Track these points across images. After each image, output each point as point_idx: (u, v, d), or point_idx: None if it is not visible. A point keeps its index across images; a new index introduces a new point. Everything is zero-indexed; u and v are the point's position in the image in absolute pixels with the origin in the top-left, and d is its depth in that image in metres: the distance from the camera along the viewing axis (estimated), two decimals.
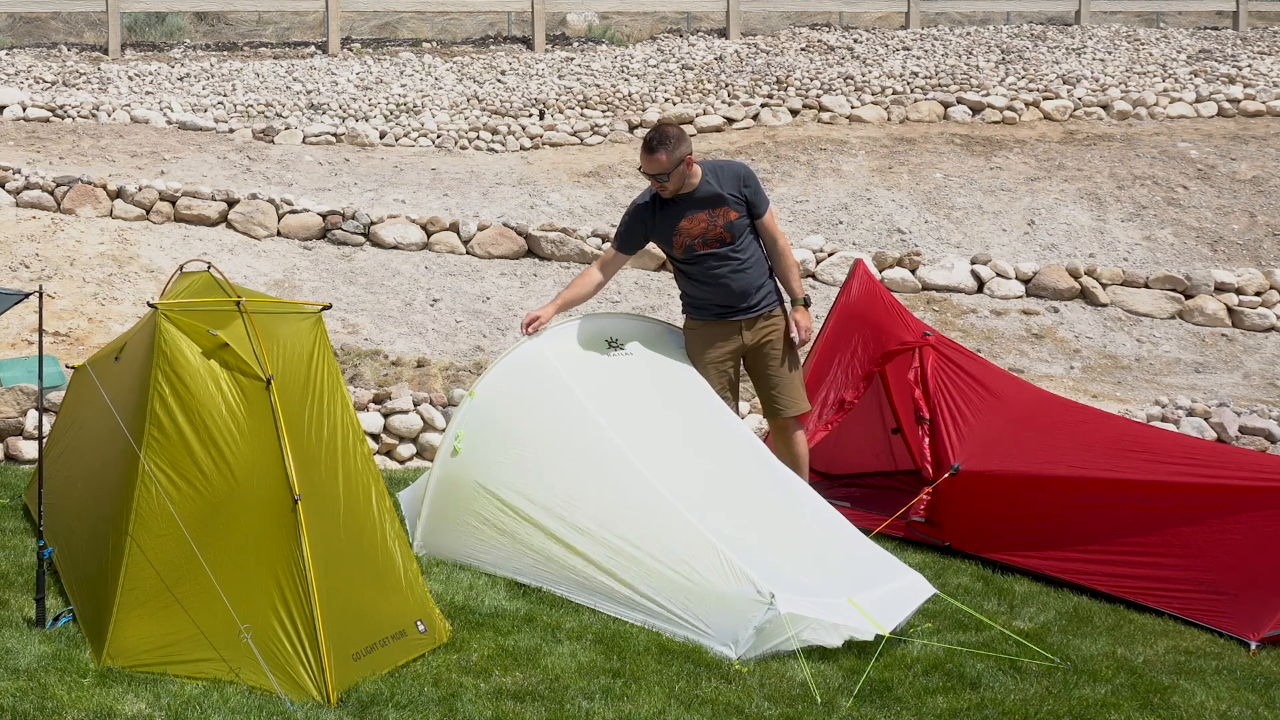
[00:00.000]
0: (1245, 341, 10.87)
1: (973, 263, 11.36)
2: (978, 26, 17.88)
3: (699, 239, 6.28)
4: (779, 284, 6.49)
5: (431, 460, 7.26)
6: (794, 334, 6.40)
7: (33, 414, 7.63)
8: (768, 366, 6.42)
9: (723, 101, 14.43)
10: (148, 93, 14.13)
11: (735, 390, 6.49)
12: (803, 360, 6.77)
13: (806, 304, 6.47)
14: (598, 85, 14.74)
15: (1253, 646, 5.42)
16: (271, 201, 11.06)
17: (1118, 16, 18.71)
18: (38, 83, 14.15)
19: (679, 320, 6.64)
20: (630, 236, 6.45)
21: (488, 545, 5.81)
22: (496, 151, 13.39)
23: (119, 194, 11.03)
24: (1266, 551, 5.61)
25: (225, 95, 14.16)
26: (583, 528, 5.52)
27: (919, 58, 16.00)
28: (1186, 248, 12.20)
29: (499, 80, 15.06)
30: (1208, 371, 10.35)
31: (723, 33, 17.19)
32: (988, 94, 14.62)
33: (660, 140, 6.12)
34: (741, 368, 6.53)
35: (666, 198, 6.29)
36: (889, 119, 14.32)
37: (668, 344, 6.39)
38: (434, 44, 17.08)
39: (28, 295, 6.22)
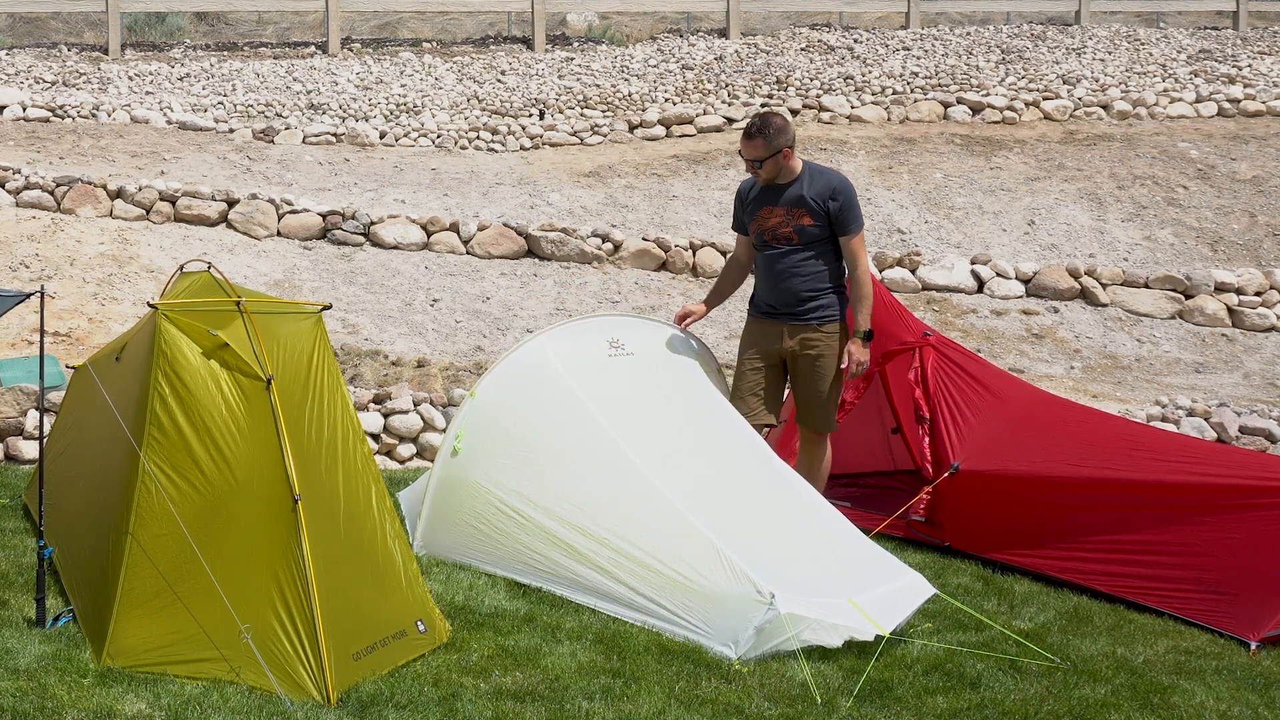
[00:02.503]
0: (1245, 341, 10.87)
1: (973, 263, 11.36)
2: (978, 26, 17.89)
3: (769, 231, 6.38)
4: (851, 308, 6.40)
5: (431, 460, 7.26)
6: (844, 362, 6.33)
7: (33, 414, 7.63)
8: (806, 380, 6.39)
9: (723, 101, 14.43)
10: (148, 93, 14.13)
11: (771, 394, 6.42)
12: None
13: (868, 338, 6.33)
14: (598, 85, 14.75)
15: (1253, 646, 5.42)
16: (271, 201, 11.06)
17: (1118, 16, 18.72)
18: (38, 83, 14.15)
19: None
20: (738, 217, 6.63)
21: (488, 545, 5.81)
22: (496, 151, 13.39)
23: (119, 194, 11.03)
24: (1266, 551, 5.61)
25: (225, 95, 14.16)
26: (583, 528, 5.52)
27: (919, 58, 16.00)
28: (1186, 248, 12.20)
29: (499, 80, 15.07)
30: (1208, 371, 10.35)
31: (723, 33, 17.19)
32: (988, 94, 14.63)
33: (761, 128, 6.25)
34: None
35: (761, 184, 6.41)
36: (889, 119, 14.32)
37: (669, 344, 6.39)
38: (434, 44, 17.09)
39: (29, 296, 6.22)
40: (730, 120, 14.05)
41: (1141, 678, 5.05)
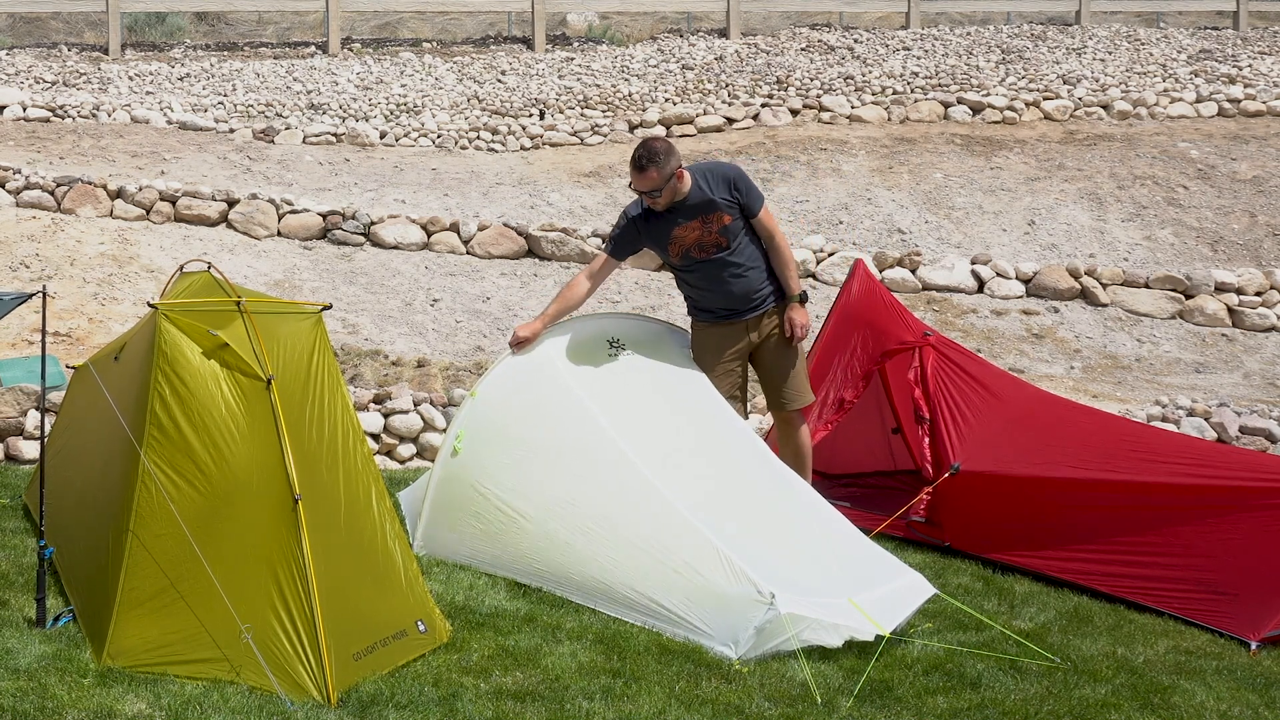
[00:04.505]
0: (1245, 341, 10.87)
1: (973, 263, 11.36)
2: (978, 26, 17.89)
3: (694, 246, 6.23)
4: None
5: (432, 460, 7.26)
6: (787, 331, 6.34)
7: (33, 414, 7.63)
8: (771, 360, 6.40)
9: (723, 101, 14.43)
10: (148, 93, 14.13)
11: (744, 391, 6.45)
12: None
13: (803, 300, 6.36)
14: (598, 85, 14.74)
15: (1253, 646, 5.42)
16: (271, 201, 11.07)
17: (1118, 16, 18.72)
18: (38, 83, 14.15)
19: (680, 320, 6.63)
20: (623, 244, 6.37)
21: (488, 545, 5.81)
22: (496, 151, 13.39)
23: (119, 194, 11.03)
24: (1266, 551, 5.61)
25: (225, 95, 14.16)
26: (583, 528, 5.52)
27: (919, 58, 16.00)
28: (1186, 248, 12.20)
29: (499, 80, 15.07)
30: (1208, 371, 10.35)
31: (723, 33, 17.19)
32: (988, 94, 14.62)
33: (649, 157, 6.00)
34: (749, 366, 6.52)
35: (660, 210, 6.21)
36: (889, 119, 14.32)
37: (669, 344, 6.39)
38: (434, 44, 17.08)
39: (30, 296, 6.22)
40: (730, 120, 14.05)
41: (1141, 678, 5.05)
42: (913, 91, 14.79)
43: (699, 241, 6.21)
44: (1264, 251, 12.17)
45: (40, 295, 5.69)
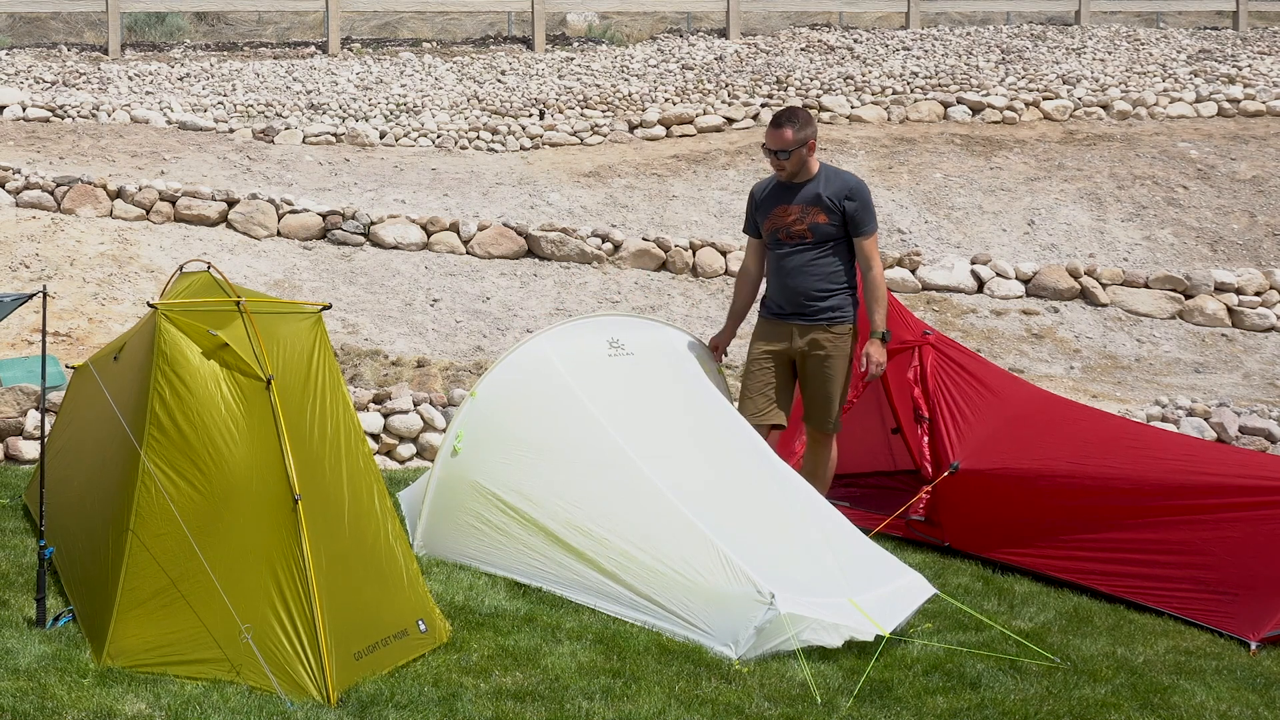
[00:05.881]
0: (1245, 341, 10.87)
1: (973, 263, 11.36)
2: (978, 26, 17.89)
3: (783, 229, 6.35)
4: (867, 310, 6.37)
5: (431, 460, 7.27)
6: (861, 366, 6.30)
7: (33, 414, 7.63)
8: (810, 376, 6.37)
9: (723, 101, 14.43)
10: (148, 93, 14.13)
11: (781, 394, 6.38)
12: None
13: (885, 339, 6.30)
14: (598, 85, 14.75)
15: (1253, 646, 5.42)
16: (271, 201, 11.07)
17: (1118, 16, 18.72)
18: (38, 83, 14.15)
19: (679, 321, 6.64)
20: (748, 217, 6.60)
21: (488, 545, 5.82)
22: (496, 151, 13.39)
23: (119, 194, 11.03)
24: (1266, 551, 5.61)
25: (225, 95, 14.16)
26: (583, 528, 5.52)
27: (919, 58, 16.00)
28: (1186, 248, 12.20)
29: (499, 80, 15.07)
30: (1208, 371, 10.35)
31: (723, 33, 17.19)
32: (988, 94, 14.63)
33: (789, 117, 6.26)
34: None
35: (782, 179, 6.37)
36: (889, 119, 14.32)
37: (669, 345, 6.39)
38: (434, 44, 17.08)
39: (30, 297, 6.23)
40: (730, 120, 14.05)
41: (1141, 678, 5.05)
42: (912, 91, 14.79)
43: (789, 226, 6.34)
44: (1264, 251, 12.17)
45: (40, 295, 5.69)
